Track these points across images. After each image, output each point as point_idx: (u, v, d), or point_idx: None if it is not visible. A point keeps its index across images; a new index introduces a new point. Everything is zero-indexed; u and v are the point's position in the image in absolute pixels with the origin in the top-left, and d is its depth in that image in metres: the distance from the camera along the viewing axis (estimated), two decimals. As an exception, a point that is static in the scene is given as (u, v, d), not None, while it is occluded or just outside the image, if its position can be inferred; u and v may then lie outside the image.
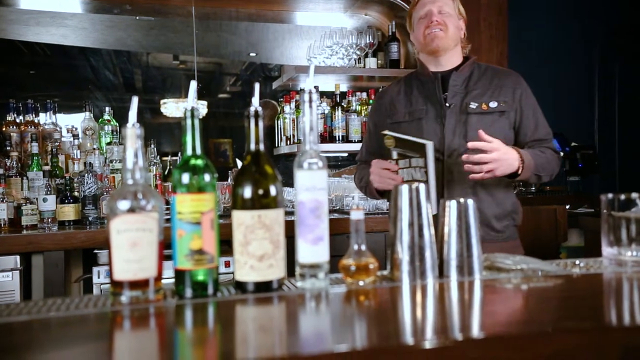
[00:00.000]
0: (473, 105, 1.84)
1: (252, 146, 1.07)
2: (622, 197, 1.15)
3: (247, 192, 1.04)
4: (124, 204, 0.96)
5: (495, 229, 1.86)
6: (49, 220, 2.61)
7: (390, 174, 1.73)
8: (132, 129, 0.99)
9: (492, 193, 1.87)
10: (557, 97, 3.96)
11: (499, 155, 1.66)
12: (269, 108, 3.99)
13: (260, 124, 1.08)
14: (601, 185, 4.11)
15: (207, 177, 1.02)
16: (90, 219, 2.71)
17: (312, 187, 1.07)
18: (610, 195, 1.16)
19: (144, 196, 0.98)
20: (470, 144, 1.67)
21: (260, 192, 1.04)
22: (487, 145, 1.65)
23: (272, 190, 1.05)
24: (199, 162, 1.03)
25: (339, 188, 3.23)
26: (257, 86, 1.08)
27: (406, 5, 3.35)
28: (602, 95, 4.27)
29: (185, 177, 1.01)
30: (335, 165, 3.93)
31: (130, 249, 0.95)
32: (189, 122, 1.04)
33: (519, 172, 1.72)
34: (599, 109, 4.25)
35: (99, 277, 2.49)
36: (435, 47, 1.88)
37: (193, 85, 1.06)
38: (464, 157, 1.69)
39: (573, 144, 3.67)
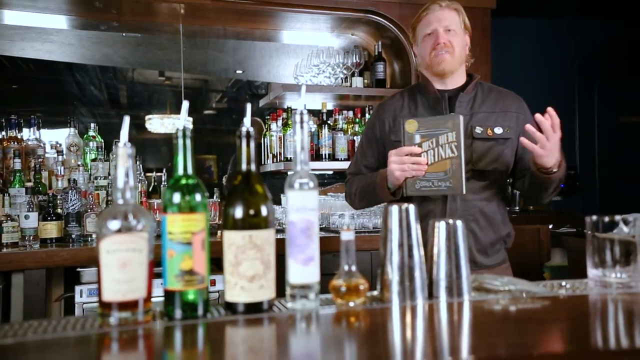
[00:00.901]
0: (478, 130, 1.83)
1: (244, 166, 1.07)
2: (606, 219, 1.17)
3: (239, 212, 1.03)
4: (114, 224, 0.95)
5: (489, 256, 1.87)
6: (31, 237, 2.56)
7: (413, 158, 1.66)
8: (124, 149, 0.98)
9: (492, 221, 1.86)
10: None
11: (552, 146, 1.64)
12: (254, 125, 3.99)
13: (252, 144, 1.08)
14: (582, 205, 4.18)
15: (198, 197, 1.02)
16: (73, 236, 2.67)
17: (303, 207, 1.08)
18: (594, 217, 1.19)
19: (135, 216, 0.97)
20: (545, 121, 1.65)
21: (252, 212, 1.04)
22: (550, 133, 1.64)
23: (264, 211, 1.05)
24: (191, 181, 1.03)
25: (325, 206, 3.24)
26: (248, 106, 1.09)
27: (392, 27, 3.41)
28: (582, 116, 4.36)
29: (177, 197, 1.01)
30: (321, 183, 3.94)
31: (120, 269, 0.94)
32: (180, 141, 1.04)
33: (555, 169, 1.70)
34: (579, 129, 4.34)
35: (81, 296, 2.45)
36: (441, 70, 1.87)
37: (185, 105, 1.06)
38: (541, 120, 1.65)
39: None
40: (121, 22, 3.39)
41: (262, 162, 3.56)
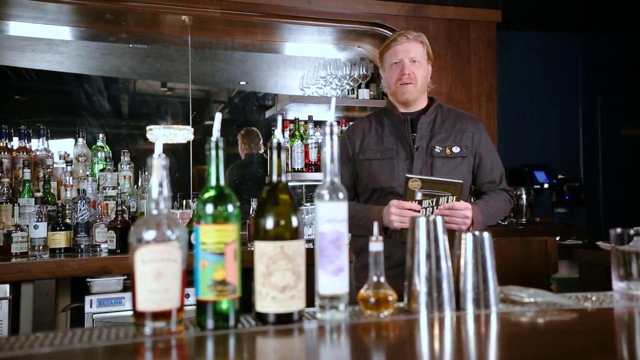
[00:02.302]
0: (438, 149, 1.99)
1: (274, 177, 1.08)
2: (631, 231, 1.18)
3: (269, 223, 1.04)
4: (149, 234, 0.95)
5: None
6: (40, 247, 2.56)
7: (413, 213, 1.77)
8: (158, 160, 0.99)
9: None
10: (544, 130, 4.07)
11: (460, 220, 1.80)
12: (250, 136, 3.99)
13: (283, 155, 1.09)
14: (586, 217, 4.19)
15: (230, 208, 1.03)
16: (82, 246, 2.67)
17: (333, 218, 1.08)
18: (619, 230, 1.19)
19: (169, 226, 0.97)
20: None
21: (282, 222, 1.04)
22: (462, 205, 1.80)
23: (294, 221, 1.05)
24: (223, 192, 1.03)
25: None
26: (279, 119, 1.10)
27: (399, 39, 3.44)
28: (586, 128, 4.40)
29: (210, 208, 1.01)
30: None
31: (155, 279, 0.94)
32: (213, 152, 1.04)
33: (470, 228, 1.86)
34: (583, 141, 4.37)
35: (91, 307, 2.44)
36: (405, 100, 2.02)
37: (218, 117, 1.07)
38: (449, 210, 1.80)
39: (560, 176, 3.75)
40: (129, 33, 3.42)
41: (268, 173, 3.57)
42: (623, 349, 0.96)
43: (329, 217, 1.08)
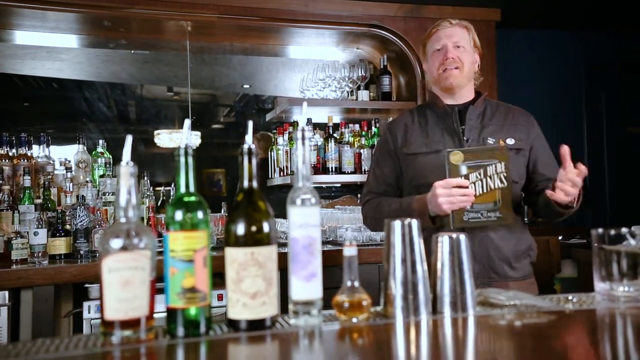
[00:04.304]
0: (490, 141, 1.83)
1: (246, 183, 1.08)
2: (612, 232, 1.16)
3: (240, 229, 1.04)
4: (116, 242, 0.96)
5: (514, 267, 1.83)
6: (40, 254, 2.58)
7: (462, 190, 1.64)
8: (126, 167, 0.99)
9: (512, 230, 1.83)
10: (547, 129, 4.00)
11: (574, 192, 1.64)
12: (264, 140, 4.02)
13: (254, 160, 1.08)
14: (593, 216, 4.14)
15: (200, 215, 1.02)
16: (81, 252, 2.68)
17: (305, 223, 1.07)
18: (600, 230, 1.17)
19: (137, 234, 0.97)
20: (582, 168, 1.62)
21: (254, 229, 1.04)
22: (575, 174, 1.62)
23: (265, 227, 1.05)
24: (192, 199, 1.03)
25: (332, 219, 3.23)
26: (250, 124, 1.10)
27: (397, 40, 3.43)
28: (590, 126, 4.34)
29: (179, 215, 1.01)
30: (329, 196, 3.94)
31: (122, 288, 0.94)
32: (182, 159, 1.04)
33: (571, 205, 1.71)
34: (587, 140, 4.31)
35: (89, 312, 2.46)
36: (449, 85, 1.87)
37: (187, 123, 1.07)
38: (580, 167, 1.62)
39: (564, 175, 3.69)
40: (129, 40, 3.44)
41: (270, 176, 3.57)
42: (601, 351, 0.94)
43: (301, 223, 1.07)
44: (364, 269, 2.44)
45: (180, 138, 4.81)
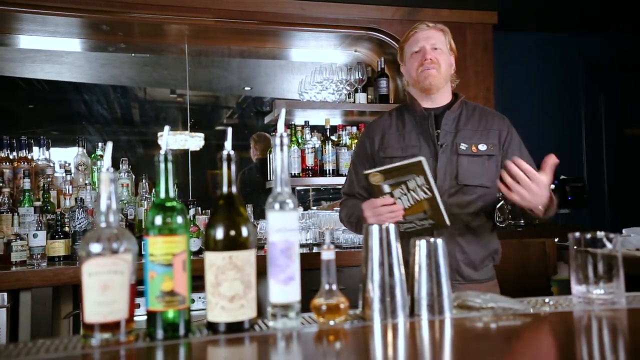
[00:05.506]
0: (463, 147, 1.87)
1: (225, 189, 1.10)
2: (589, 235, 1.17)
3: (219, 233, 1.06)
4: (96, 247, 0.98)
5: (478, 271, 1.88)
6: (39, 256, 2.62)
7: (388, 207, 1.68)
8: (106, 174, 1.02)
9: (479, 235, 1.88)
10: (545, 130, 4.01)
11: (536, 189, 1.60)
12: (262, 142, 4.05)
13: (233, 166, 1.11)
14: (591, 218, 4.13)
15: (179, 219, 1.05)
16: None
17: (283, 228, 1.10)
18: (577, 234, 1.19)
19: (117, 239, 1.00)
20: (514, 167, 1.60)
21: (232, 233, 1.06)
22: (533, 174, 1.60)
23: (244, 232, 1.07)
24: (171, 204, 1.06)
25: (330, 221, 3.25)
26: (229, 131, 1.12)
27: (394, 43, 3.44)
28: (588, 128, 4.33)
29: (158, 220, 1.04)
30: (326, 198, 3.96)
31: (102, 291, 0.97)
32: (162, 165, 1.07)
33: (539, 213, 1.70)
34: (586, 141, 4.30)
35: (86, 314, 2.48)
36: (428, 85, 1.90)
37: (167, 129, 1.09)
38: (511, 167, 1.60)
39: (562, 176, 3.70)
40: (128, 43, 3.48)
41: (268, 178, 3.60)
42: (575, 353, 0.95)
43: (279, 227, 1.10)
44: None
45: (183, 139, 4.86)
